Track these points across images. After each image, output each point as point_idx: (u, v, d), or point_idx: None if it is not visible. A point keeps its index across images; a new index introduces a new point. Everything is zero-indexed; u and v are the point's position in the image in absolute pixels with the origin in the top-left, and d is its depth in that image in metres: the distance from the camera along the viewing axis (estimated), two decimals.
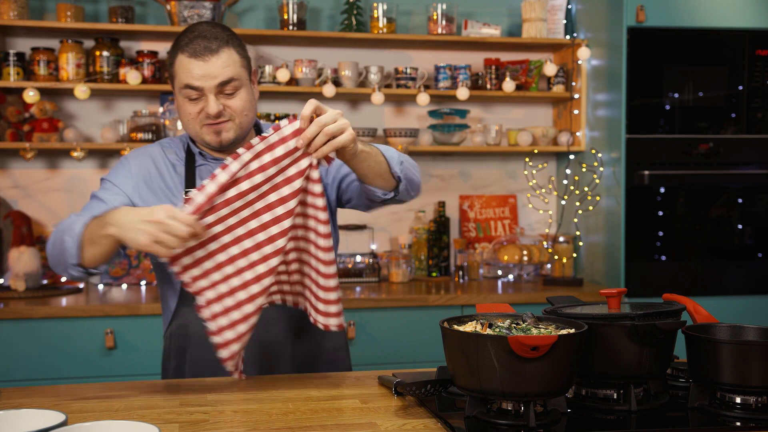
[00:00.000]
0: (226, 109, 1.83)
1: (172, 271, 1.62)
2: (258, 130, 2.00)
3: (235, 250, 1.62)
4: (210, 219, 1.58)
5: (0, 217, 3.58)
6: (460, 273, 3.79)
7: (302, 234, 1.67)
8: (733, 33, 3.54)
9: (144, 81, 3.52)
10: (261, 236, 1.61)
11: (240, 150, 1.57)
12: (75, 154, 3.44)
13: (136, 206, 1.86)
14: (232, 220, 1.60)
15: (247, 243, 1.62)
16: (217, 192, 1.55)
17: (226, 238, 1.61)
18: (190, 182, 1.91)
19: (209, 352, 1.77)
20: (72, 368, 3.07)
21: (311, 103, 1.58)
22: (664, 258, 3.55)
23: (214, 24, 1.86)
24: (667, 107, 3.54)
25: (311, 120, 1.59)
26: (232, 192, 1.57)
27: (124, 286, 3.62)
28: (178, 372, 1.93)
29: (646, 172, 3.50)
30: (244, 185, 1.58)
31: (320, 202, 1.62)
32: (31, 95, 3.34)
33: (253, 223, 1.61)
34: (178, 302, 1.93)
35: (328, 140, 1.58)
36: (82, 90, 3.38)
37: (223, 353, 1.66)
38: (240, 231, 1.61)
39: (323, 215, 1.63)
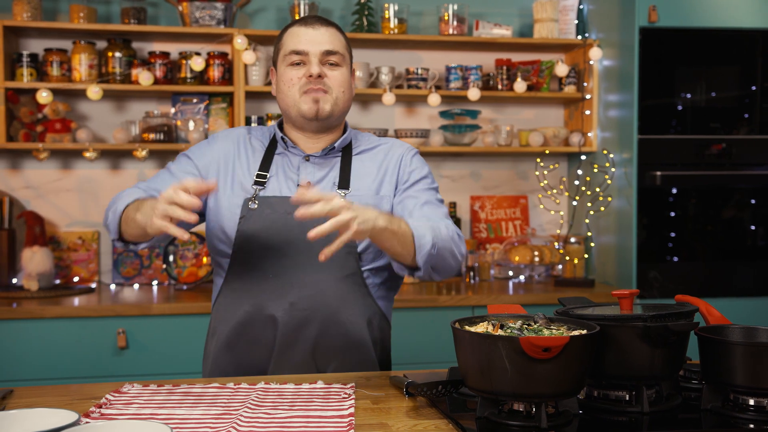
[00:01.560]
0: (326, 78, 1.89)
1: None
2: (344, 129, 2.01)
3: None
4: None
5: (13, 218, 3.60)
6: (471, 274, 3.78)
7: None
8: (746, 33, 3.52)
9: (156, 82, 3.53)
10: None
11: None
12: (87, 154, 3.46)
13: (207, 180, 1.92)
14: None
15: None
16: None
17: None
18: (265, 166, 1.93)
19: (237, 330, 1.88)
20: (84, 368, 3.08)
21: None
22: (676, 259, 3.54)
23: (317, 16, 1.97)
24: (680, 108, 3.53)
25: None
26: None
27: (136, 286, 3.63)
28: (217, 347, 1.93)
29: (658, 173, 3.49)
30: None
31: None
32: (44, 96, 3.36)
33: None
34: (224, 281, 1.94)
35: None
36: (94, 91, 3.40)
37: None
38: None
39: None
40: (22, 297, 3.25)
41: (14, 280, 3.53)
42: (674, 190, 3.55)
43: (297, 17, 3.63)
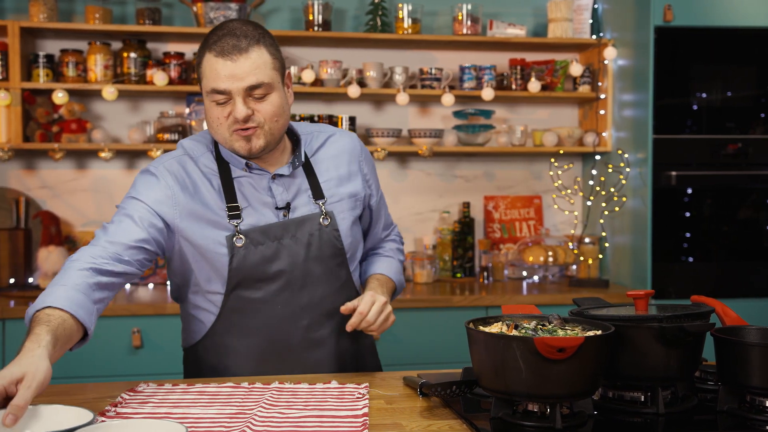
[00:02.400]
0: (255, 113, 1.71)
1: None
2: (292, 135, 1.90)
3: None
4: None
5: (29, 217, 3.63)
6: (485, 274, 3.77)
7: None
8: (763, 32, 3.49)
9: (170, 82, 3.54)
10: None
11: None
12: (103, 154, 3.48)
13: (177, 230, 1.77)
14: None
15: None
16: None
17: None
18: (230, 195, 1.79)
19: (248, 365, 1.86)
20: (99, 367, 3.10)
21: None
22: (691, 259, 3.51)
23: (245, 21, 1.74)
24: (695, 107, 3.51)
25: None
26: None
27: (151, 285, 3.65)
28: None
29: (674, 173, 3.47)
30: None
31: None
32: (60, 96, 3.38)
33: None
34: (216, 318, 1.86)
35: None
36: (109, 91, 3.42)
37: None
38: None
39: None
40: (38, 296, 3.27)
41: (30, 280, 3.56)
42: (689, 190, 3.53)
43: (310, 18, 3.63)
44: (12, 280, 3.50)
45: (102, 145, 3.48)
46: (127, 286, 3.64)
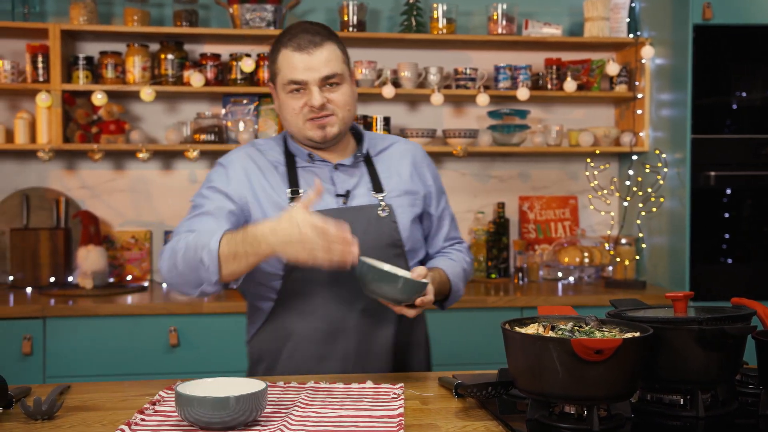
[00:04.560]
0: (329, 102, 1.85)
1: None
2: (356, 133, 2.01)
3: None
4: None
5: (69, 217, 3.68)
6: (520, 275, 3.75)
7: None
8: None
9: (207, 83, 3.58)
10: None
11: None
12: (140, 155, 3.52)
13: (246, 210, 1.85)
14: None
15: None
16: None
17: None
18: (293, 181, 1.90)
19: (308, 347, 1.87)
20: (137, 365, 3.14)
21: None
22: (730, 261, 3.46)
23: (314, 22, 1.90)
24: (735, 106, 3.45)
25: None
26: None
27: None
28: (267, 373, 1.93)
29: (713, 173, 3.42)
30: None
31: None
32: (99, 98, 3.43)
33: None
34: (276, 303, 1.91)
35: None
36: (147, 92, 3.46)
37: None
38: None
39: None
40: (78, 295, 3.33)
41: (70, 278, 3.61)
42: (729, 191, 3.48)
43: (345, 18, 3.64)
44: (52, 279, 3.56)
45: (140, 146, 3.53)
46: (164, 285, 3.68)
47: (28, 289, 3.48)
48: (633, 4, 3.85)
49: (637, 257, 3.78)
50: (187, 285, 1.74)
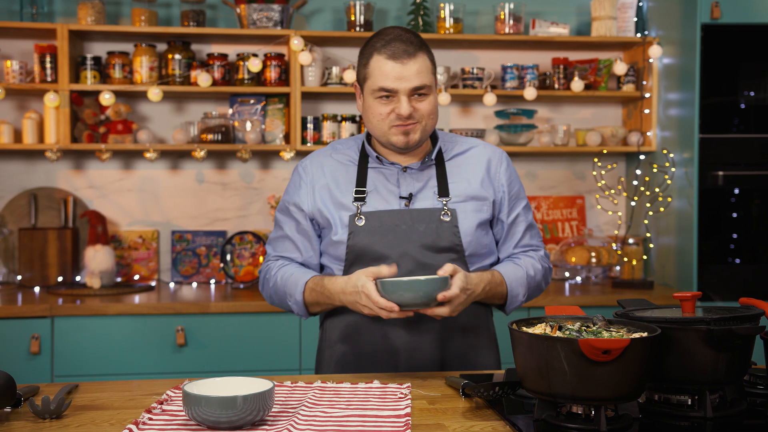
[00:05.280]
0: (415, 111, 1.89)
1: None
2: (434, 137, 2.04)
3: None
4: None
5: (76, 217, 3.69)
6: None
7: None
8: None
9: (214, 83, 3.58)
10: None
11: None
12: (148, 155, 3.53)
13: (316, 216, 1.99)
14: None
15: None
16: None
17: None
18: (361, 181, 1.97)
19: (372, 343, 1.94)
20: (144, 364, 3.14)
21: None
22: (738, 261, 3.45)
23: (407, 29, 1.93)
24: (743, 106, 3.44)
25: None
26: None
27: (194, 284, 3.69)
28: (343, 359, 2.00)
29: (720, 173, 3.41)
30: None
31: None
32: (106, 98, 3.44)
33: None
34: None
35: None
36: (155, 92, 3.47)
37: None
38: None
39: None
40: (85, 294, 3.34)
41: (78, 278, 3.62)
42: (737, 191, 3.46)
43: (352, 18, 3.64)
44: (60, 278, 3.57)
45: (147, 146, 3.54)
46: (171, 284, 3.69)
47: (36, 289, 3.49)
48: (640, 4, 3.84)
49: (645, 257, 3.77)
50: (278, 305, 2.05)
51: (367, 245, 1.92)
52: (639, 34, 3.79)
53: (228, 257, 3.67)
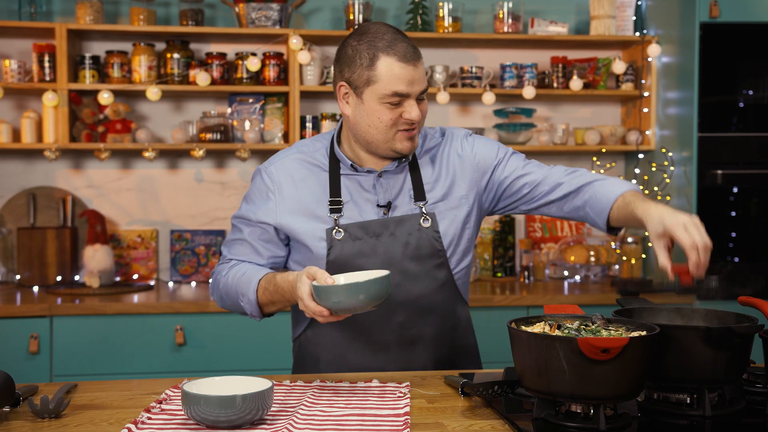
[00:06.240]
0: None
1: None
2: None
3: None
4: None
5: (75, 216, 3.69)
6: (526, 273, 3.75)
7: None
8: None
9: (213, 82, 3.58)
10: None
11: None
12: (147, 154, 3.53)
13: (280, 226, 1.88)
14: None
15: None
16: None
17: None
18: (335, 190, 1.87)
19: (343, 357, 1.89)
20: (143, 363, 3.14)
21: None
22: (737, 259, 3.45)
23: (393, 27, 1.83)
24: (741, 105, 3.44)
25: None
26: None
27: (193, 283, 3.69)
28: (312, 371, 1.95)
29: (719, 172, 3.41)
30: None
31: None
32: (105, 97, 3.44)
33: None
34: (312, 320, 1.93)
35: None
36: (153, 92, 3.47)
37: None
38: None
39: None
40: (84, 294, 3.34)
41: (76, 277, 3.62)
42: (735, 189, 3.47)
43: (351, 17, 3.64)
44: (59, 278, 3.57)
45: (146, 145, 3.53)
46: (170, 284, 3.68)
47: (35, 288, 3.49)
48: (639, 2, 3.84)
49: (644, 256, 3.77)
50: (230, 309, 1.98)
51: (349, 258, 1.84)
52: (638, 33, 3.79)
53: None
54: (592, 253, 3.75)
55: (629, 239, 3.76)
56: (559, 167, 1.98)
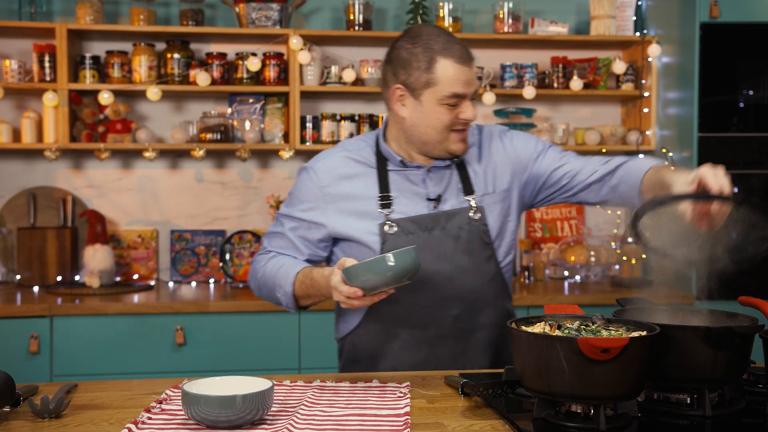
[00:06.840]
0: None
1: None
2: None
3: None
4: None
5: (75, 216, 3.69)
6: (526, 273, 3.75)
7: None
8: None
9: (213, 82, 3.58)
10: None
11: None
12: (147, 154, 3.53)
13: (337, 231, 1.90)
14: None
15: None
16: None
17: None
18: (384, 186, 1.90)
19: (397, 353, 1.91)
20: (144, 363, 3.14)
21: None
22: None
23: (439, 27, 1.89)
24: (742, 105, 3.44)
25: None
26: None
27: (193, 283, 3.69)
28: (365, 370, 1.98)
29: None
30: None
31: None
32: (105, 97, 3.44)
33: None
34: (364, 316, 1.95)
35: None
36: (153, 92, 3.47)
37: None
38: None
39: None
40: (84, 294, 3.34)
41: (77, 277, 3.62)
42: (736, 190, 3.46)
43: (351, 17, 3.64)
44: (59, 278, 3.57)
45: (146, 145, 3.53)
46: (171, 284, 3.68)
47: (35, 288, 3.49)
48: (639, 2, 3.84)
49: (644, 256, 3.77)
50: (266, 299, 1.97)
51: None
52: (638, 33, 3.79)
53: (227, 256, 3.67)
54: (592, 253, 3.75)
55: (629, 239, 3.76)
56: (596, 157, 2.02)
